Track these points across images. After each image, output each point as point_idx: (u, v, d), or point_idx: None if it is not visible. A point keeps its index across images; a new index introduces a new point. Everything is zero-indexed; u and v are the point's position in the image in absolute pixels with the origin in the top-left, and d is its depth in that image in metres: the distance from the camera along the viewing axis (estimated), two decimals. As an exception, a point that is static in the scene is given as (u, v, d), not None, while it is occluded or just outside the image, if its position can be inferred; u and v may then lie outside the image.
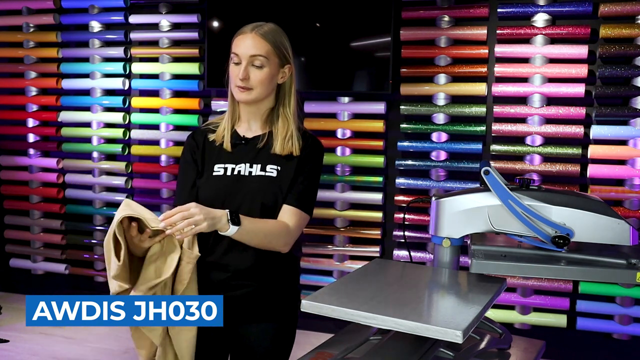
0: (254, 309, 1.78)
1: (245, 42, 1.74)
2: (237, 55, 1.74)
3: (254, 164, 1.77)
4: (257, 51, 1.73)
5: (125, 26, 4.10)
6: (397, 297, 1.50)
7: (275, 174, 1.76)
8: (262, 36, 1.74)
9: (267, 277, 1.79)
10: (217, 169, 1.78)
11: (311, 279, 3.78)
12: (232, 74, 1.76)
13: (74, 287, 4.40)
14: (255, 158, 1.78)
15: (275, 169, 1.76)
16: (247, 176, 1.76)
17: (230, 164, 1.77)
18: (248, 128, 1.82)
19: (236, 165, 1.77)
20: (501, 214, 1.65)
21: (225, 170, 1.77)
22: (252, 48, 1.73)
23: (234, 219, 1.61)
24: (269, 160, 1.77)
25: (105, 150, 4.18)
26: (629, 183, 3.28)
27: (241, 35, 1.75)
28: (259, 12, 3.62)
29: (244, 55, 1.73)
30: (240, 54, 1.73)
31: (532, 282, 3.41)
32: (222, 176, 1.76)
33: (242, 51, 1.73)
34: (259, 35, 1.74)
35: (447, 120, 3.54)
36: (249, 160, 1.77)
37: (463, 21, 3.52)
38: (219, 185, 1.76)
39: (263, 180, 1.75)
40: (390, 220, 3.75)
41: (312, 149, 1.81)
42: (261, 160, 1.77)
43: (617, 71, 3.24)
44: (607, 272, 1.58)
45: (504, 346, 1.72)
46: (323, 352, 1.63)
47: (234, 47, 1.75)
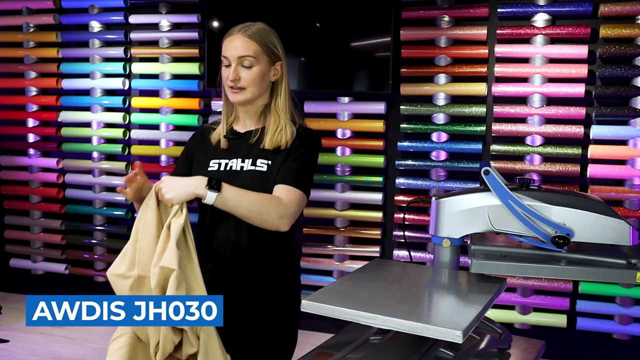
0: (255, 310, 1.78)
1: (233, 43, 1.77)
2: (226, 57, 1.77)
3: (246, 159, 1.79)
4: (245, 52, 1.75)
5: (125, 26, 4.10)
6: (397, 297, 1.50)
7: (266, 168, 1.76)
8: (250, 37, 1.76)
9: (268, 277, 1.79)
10: (212, 164, 1.82)
11: (311, 279, 3.78)
12: (224, 76, 1.79)
13: (74, 287, 4.40)
14: (247, 153, 1.80)
15: (266, 164, 1.77)
16: (238, 171, 1.78)
17: (224, 160, 1.81)
18: (243, 125, 1.86)
19: (229, 161, 1.80)
20: (501, 214, 1.66)
21: (219, 165, 1.81)
22: (240, 49, 1.75)
23: (213, 186, 1.60)
24: (259, 155, 1.78)
25: (105, 150, 4.18)
26: (629, 183, 3.28)
27: (229, 38, 1.79)
28: (258, 12, 3.62)
29: (232, 56, 1.76)
30: (229, 56, 1.76)
31: (532, 282, 3.41)
32: (216, 171, 1.79)
33: (231, 53, 1.76)
34: (246, 36, 1.76)
35: (447, 120, 3.54)
36: (240, 156, 1.80)
37: (463, 21, 3.51)
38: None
39: (254, 175, 1.76)
40: (390, 220, 3.75)
41: (304, 138, 1.79)
42: (252, 155, 1.79)
43: (617, 71, 3.24)
44: (607, 272, 1.58)
45: (504, 346, 1.72)
46: (323, 352, 1.63)
47: (223, 50, 1.79)
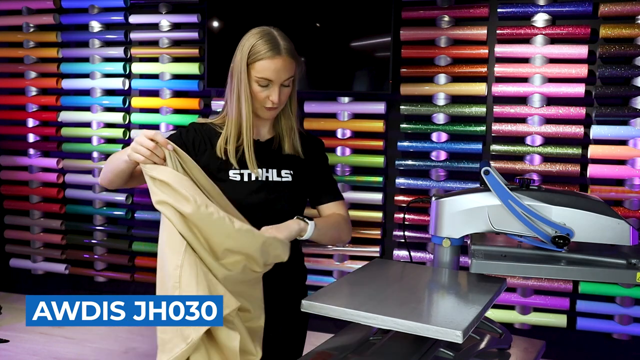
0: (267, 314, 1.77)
1: (278, 66, 1.69)
2: (268, 80, 1.70)
3: (270, 169, 1.78)
4: (288, 74, 1.72)
5: (125, 26, 4.10)
6: (397, 297, 1.50)
7: (290, 178, 1.79)
8: (292, 57, 1.72)
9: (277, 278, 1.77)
10: (233, 175, 1.75)
11: (311, 279, 3.70)
12: (259, 95, 1.72)
13: (74, 287, 4.40)
14: (270, 162, 1.79)
15: (289, 173, 1.79)
16: (265, 182, 1.76)
17: (245, 170, 1.76)
18: (257, 133, 1.82)
19: (250, 171, 1.76)
20: (501, 214, 1.65)
21: (242, 176, 1.76)
22: (286, 72, 1.71)
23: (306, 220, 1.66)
24: (282, 164, 1.79)
25: (105, 151, 4.18)
26: (629, 183, 3.28)
27: (271, 60, 1.69)
28: (259, 12, 3.62)
29: (278, 80, 1.70)
30: (274, 79, 1.70)
31: (532, 282, 3.41)
32: (240, 182, 1.75)
33: (276, 76, 1.70)
34: (290, 57, 1.71)
35: (447, 120, 3.54)
36: (263, 165, 1.78)
37: (463, 21, 3.51)
38: (236, 190, 1.74)
39: (283, 186, 1.77)
40: (390, 220, 3.75)
41: (318, 148, 1.90)
42: (275, 165, 1.79)
43: (617, 71, 3.24)
44: (607, 272, 1.58)
45: (504, 346, 1.72)
46: (323, 352, 1.63)
47: (265, 72, 1.69)
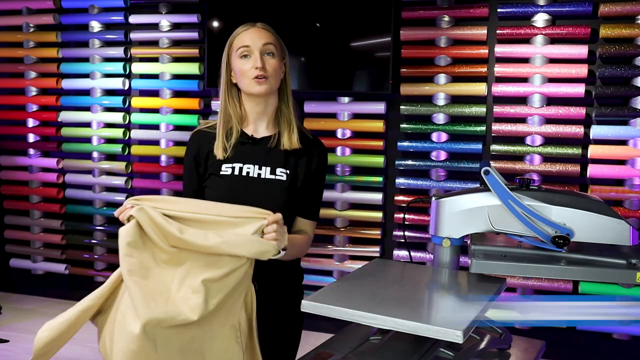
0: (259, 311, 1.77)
1: (254, 34, 1.77)
2: (247, 46, 1.75)
3: (263, 166, 1.76)
4: (266, 40, 1.76)
5: (125, 26, 4.10)
6: (397, 297, 1.50)
7: (285, 177, 1.76)
8: (267, 29, 1.79)
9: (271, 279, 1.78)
10: (225, 168, 1.76)
11: (311, 279, 3.78)
12: (244, 68, 1.75)
13: (74, 287, 4.40)
14: (265, 160, 1.77)
15: (285, 173, 1.77)
16: (256, 178, 1.75)
17: (238, 164, 1.76)
18: (255, 130, 1.81)
19: (244, 165, 1.76)
20: (501, 214, 1.65)
21: (233, 169, 1.76)
22: (260, 38, 1.76)
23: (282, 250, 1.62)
24: (278, 163, 1.77)
25: (105, 150, 4.18)
26: (629, 183, 3.28)
27: (247, 30, 1.78)
28: (258, 12, 3.62)
29: (256, 44, 1.75)
30: (251, 44, 1.75)
31: (532, 282, 3.41)
32: (230, 176, 1.75)
33: (253, 41, 1.75)
34: (264, 28, 1.79)
35: (447, 120, 3.54)
36: (257, 162, 1.76)
37: (463, 21, 3.51)
38: (225, 185, 1.75)
39: (274, 184, 1.75)
40: (390, 220, 3.75)
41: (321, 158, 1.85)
42: (270, 163, 1.77)
43: (617, 71, 3.24)
44: (607, 272, 1.58)
45: (504, 346, 1.72)
46: (323, 352, 1.63)
47: (242, 41, 1.76)
